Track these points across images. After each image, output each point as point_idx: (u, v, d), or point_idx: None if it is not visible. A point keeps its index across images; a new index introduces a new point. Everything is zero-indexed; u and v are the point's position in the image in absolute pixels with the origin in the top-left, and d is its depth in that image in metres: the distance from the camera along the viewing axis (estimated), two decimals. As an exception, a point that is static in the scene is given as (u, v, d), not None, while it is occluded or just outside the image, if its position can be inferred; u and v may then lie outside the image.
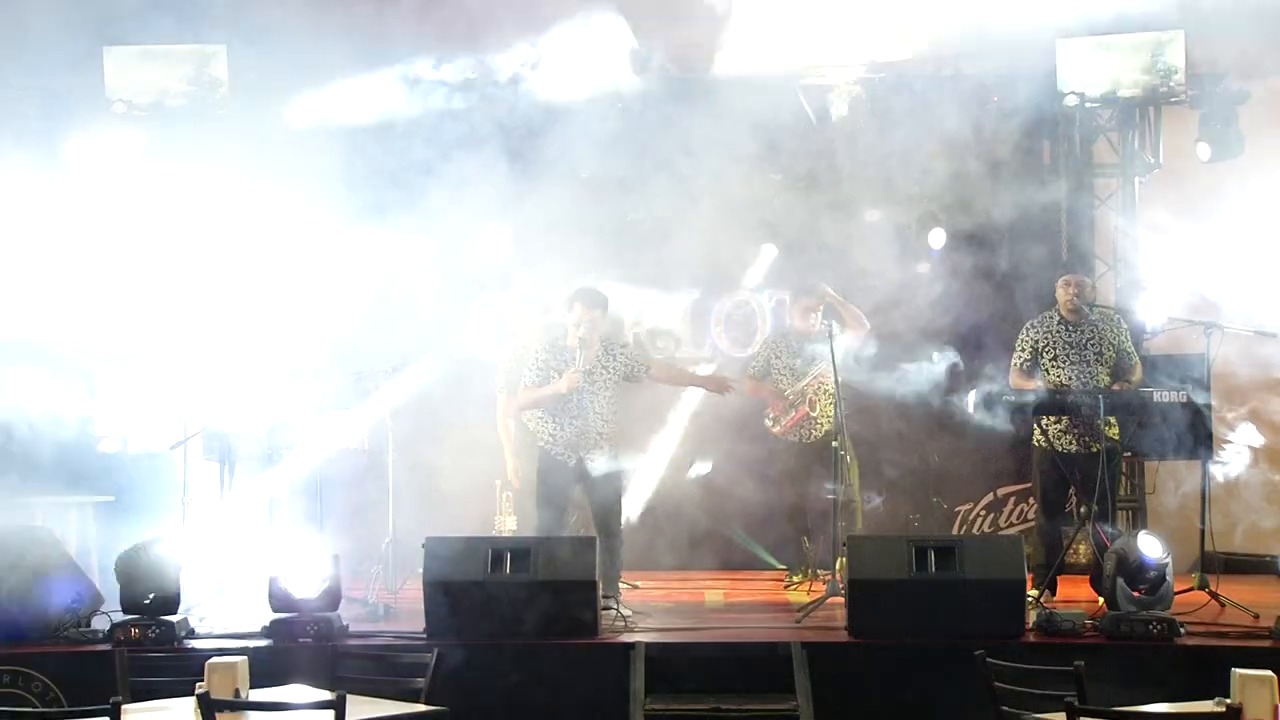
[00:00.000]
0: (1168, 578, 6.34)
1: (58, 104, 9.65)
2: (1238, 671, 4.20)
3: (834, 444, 7.86)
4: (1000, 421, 8.52)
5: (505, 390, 8.54)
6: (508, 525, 8.60)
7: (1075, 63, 9.32)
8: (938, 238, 9.62)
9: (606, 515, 7.53)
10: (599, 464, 7.49)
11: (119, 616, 6.44)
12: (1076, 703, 4.08)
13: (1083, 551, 8.87)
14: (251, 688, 4.65)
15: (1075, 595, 7.64)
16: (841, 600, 6.85)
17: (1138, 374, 7.84)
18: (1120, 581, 6.33)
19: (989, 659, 4.84)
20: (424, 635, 6.46)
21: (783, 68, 9.22)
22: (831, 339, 7.93)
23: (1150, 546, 6.39)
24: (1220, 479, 7.67)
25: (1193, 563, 7.64)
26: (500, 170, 8.96)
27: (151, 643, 6.25)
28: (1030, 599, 6.79)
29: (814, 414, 8.45)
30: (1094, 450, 7.65)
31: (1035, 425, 7.80)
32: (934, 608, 6.37)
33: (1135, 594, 6.33)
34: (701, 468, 9.69)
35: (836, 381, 7.92)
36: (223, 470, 7.66)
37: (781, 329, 9.42)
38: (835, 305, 8.46)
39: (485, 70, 9.27)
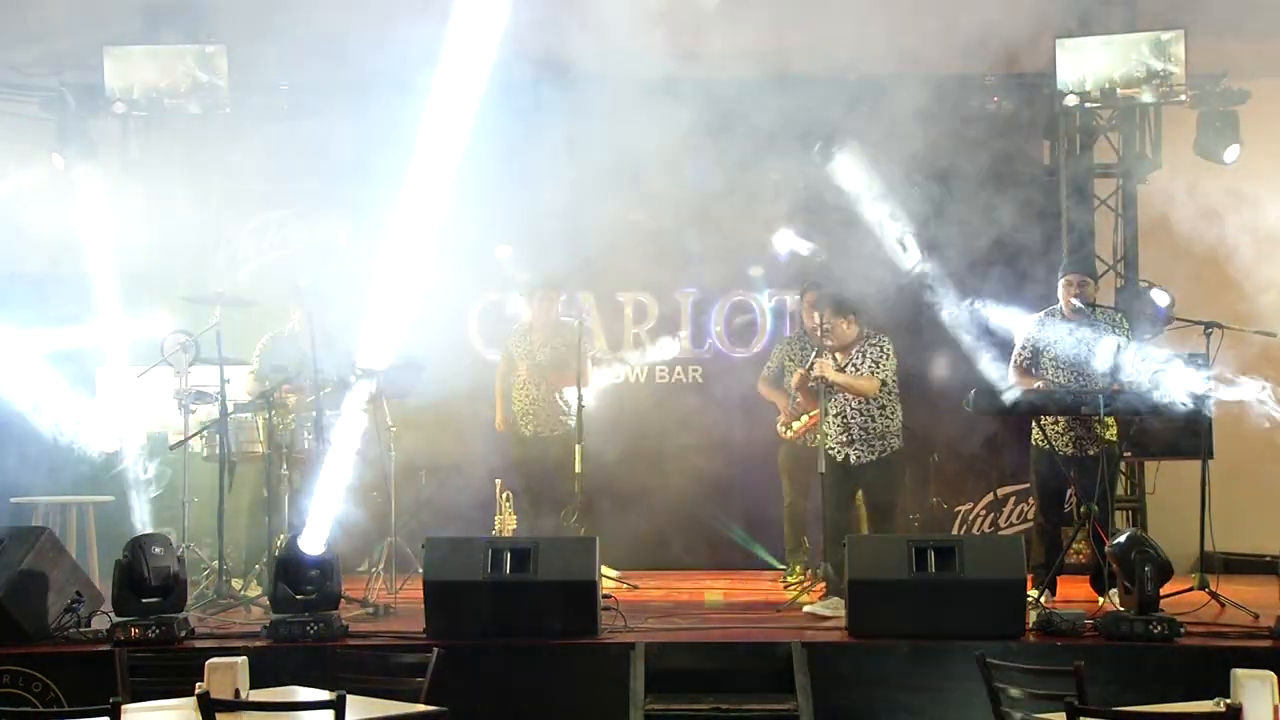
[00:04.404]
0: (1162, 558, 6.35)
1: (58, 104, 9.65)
2: (1238, 671, 4.20)
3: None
4: (999, 420, 8.51)
5: None
6: (508, 525, 8.59)
7: (1075, 63, 9.32)
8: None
9: None
10: None
11: (119, 617, 6.43)
12: (1076, 703, 4.08)
13: (1083, 551, 8.86)
14: (251, 688, 4.64)
15: (1075, 595, 7.64)
16: (841, 600, 6.84)
17: (1139, 374, 7.83)
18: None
19: (989, 659, 4.84)
20: (424, 635, 6.46)
21: (783, 66, 9.21)
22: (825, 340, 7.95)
23: (1119, 534, 6.50)
24: (1220, 479, 7.66)
25: (1193, 563, 7.63)
26: (503, 163, 8.97)
27: (151, 643, 6.24)
28: (1030, 599, 6.78)
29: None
30: (1092, 452, 7.65)
31: (1034, 425, 7.79)
32: (934, 608, 6.36)
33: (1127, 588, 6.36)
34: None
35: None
36: (222, 470, 7.64)
37: (796, 329, 9.36)
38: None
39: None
